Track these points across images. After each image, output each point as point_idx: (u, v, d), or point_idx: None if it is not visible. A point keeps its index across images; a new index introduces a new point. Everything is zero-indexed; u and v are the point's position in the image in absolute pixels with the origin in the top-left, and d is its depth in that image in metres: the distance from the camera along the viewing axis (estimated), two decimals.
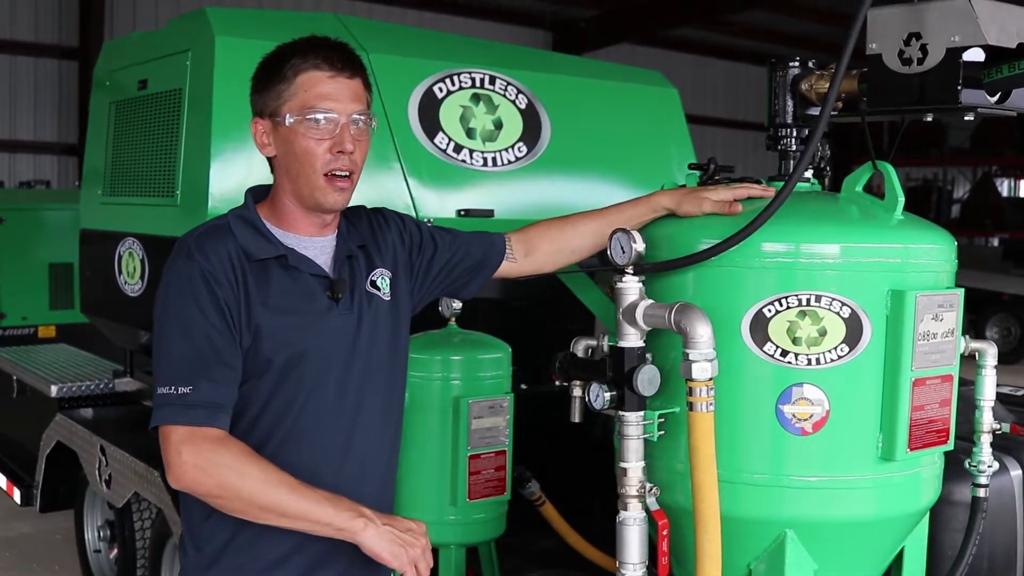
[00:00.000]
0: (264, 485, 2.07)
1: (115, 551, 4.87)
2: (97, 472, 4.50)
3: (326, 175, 2.22)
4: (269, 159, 2.31)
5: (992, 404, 2.89)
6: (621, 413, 2.52)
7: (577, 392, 2.78)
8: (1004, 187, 26.27)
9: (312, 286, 2.26)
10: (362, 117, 2.25)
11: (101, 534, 5.06)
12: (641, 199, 2.76)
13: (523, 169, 4.36)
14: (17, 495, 5.35)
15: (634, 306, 2.51)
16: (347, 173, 2.24)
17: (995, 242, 21.94)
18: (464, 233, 2.67)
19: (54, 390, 5.05)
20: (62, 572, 5.76)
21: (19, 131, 15.42)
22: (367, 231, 2.44)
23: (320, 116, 2.20)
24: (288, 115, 2.20)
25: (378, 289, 2.38)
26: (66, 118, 15.65)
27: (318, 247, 2.31)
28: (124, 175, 4.52)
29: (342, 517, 2.07)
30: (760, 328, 2.49)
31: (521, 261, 2.70)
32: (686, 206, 2.65)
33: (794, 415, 2.50)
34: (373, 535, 2.07)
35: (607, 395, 2.52)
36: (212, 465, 2.08)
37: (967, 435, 2.88)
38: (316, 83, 2.20)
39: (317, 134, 2.20)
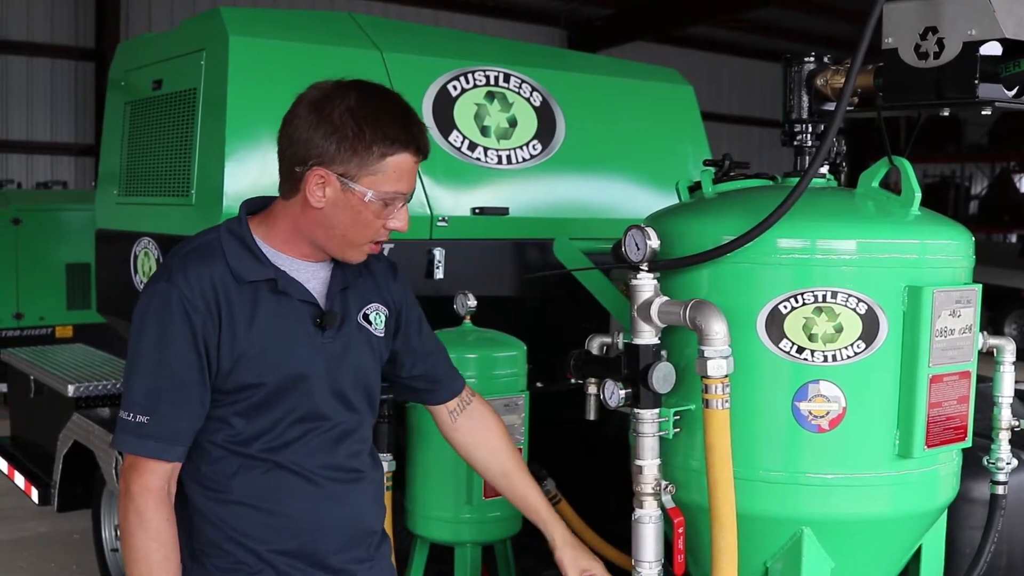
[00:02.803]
0: (139, 560, 2.13)
1: None
2: (114, 471, 4.51)
3: (371, 242, 2.24)
4: (287, 195, 2.23)
5: (1010, 401, 2.87)
6: (636, 411, 2.51)
7: (592, 390, 2.78)
8: (1022, 183, 26.13)
9: (300, 311, 2.24)
10: None
11: (118, 533, 5.07)
12: (549, 515, 2.65)
13: (538, 167, 4.36)
14: (35, 494, 5.37)
15: (649, 303, 2.50)
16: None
17: (1013, 238, 21.84)
18: (442, 354, 2.61)
19: (71, 390, 5.07)
20: (80, 571, 5.78)
21: (36, 132, 15.49)
22: (370, 266, 2.41)
23: (398, 200, 2.21)
24: (369, 190, 2.15)
25: (370, 323, 2.36)
26: (83, 119, 15.72)
27: (310, 271, 2.28)
28: (139, 175, 4.53)
29: None
30: (776, 325, 2.48)
31: (455, 424, 2.62)
32: (563, 555, 2.60)
33: (810, 412, 2.49)
34: None
35: (622, 393, 2.51)
36: (131, 504, 2.13)
37: (985, 432, 2.86)
38: (405, 170, 2.19)
39: (385, 212, 2.20)
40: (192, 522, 2.26)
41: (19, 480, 5.62)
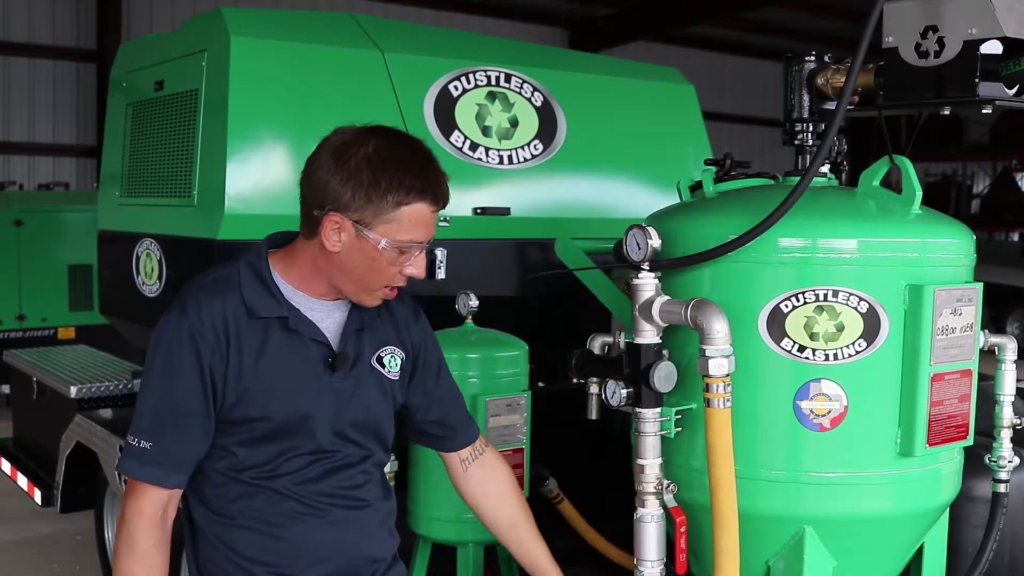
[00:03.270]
0: None
1: None
2: (117, 472, 4.51)
3: (385, 287, 2.24)
4: (308, 236, 2.23)
5: (1012, 399, 2.87)
6: (638, 410, 2.51)
7: (594, 389, 2.78)
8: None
9: (311, 350, 2.24)
10: None
11: None
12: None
13: (539, 167, 4.36)
14: (38, 495, 5.37)
15: (650, 302, 2.50)
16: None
17: (1015, 237, 21.82)
18: (458, 401, 2.59)
19: (73, 391, 5.07)
20: (83, 572, 5.78)
21: (38, 134, 15.50)
22: (391, 307, 2.40)
23: (416, 249, 2.20)
24: (383, 238, 2.15)
25: (383, 366, 2.36)
26: (84, 120, 15.72)
27: (325, 311, 2.28)
28: (141, 176, 4.54)
29: None
30: (777, 324, 2.48)
31: (466, 473, 2.61)
32: None
33: (812, 411, 2.49)
34: None
35: (624, 392, 2.52)
36: (126, 527, 2.17)
37: (987, 430, 2.86)
38: (420, 219, 2.18)
39: (400, 259, 2.20)
40: (198, 543, 2.30)
41: (22, 481, 5.62)
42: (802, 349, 2.48)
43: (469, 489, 2.63)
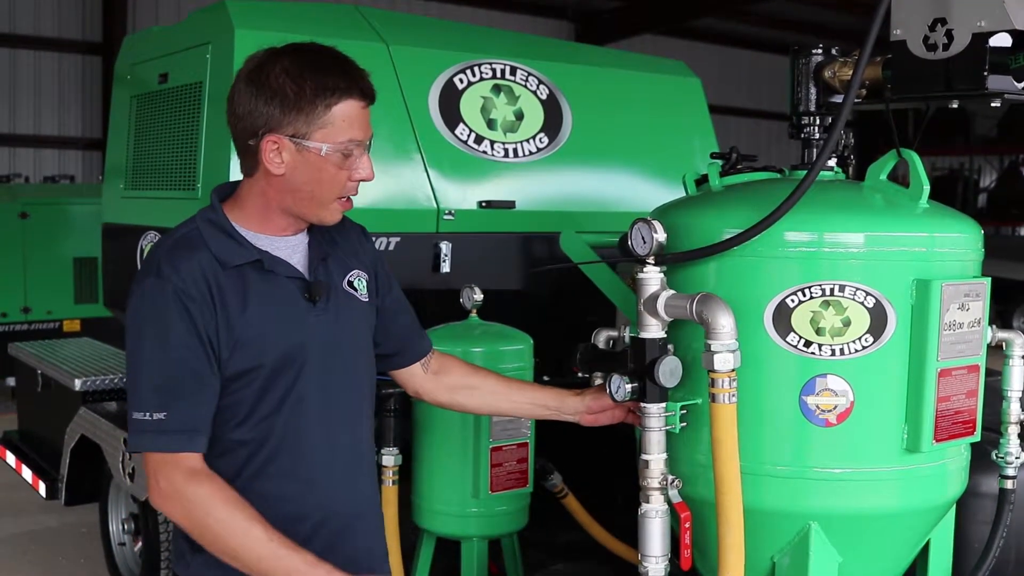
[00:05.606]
0: (228, 531, 2.08)
1: (140, 544, 4.90)
2: (121, 465, 4.51)
3: (339, 198, 2.23)
4: (248, 168, 2.24)
5: (1020, 395, 2.85)
6: (643, 405, 2.50)
7: (598, 383, 2.77)
8: None
9: (288, 288, 2.24)
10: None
11: (126, 527, 5.08)
12: (557, 396, 2.70)
13: (544, 160, 4.35)
14: (42, 488, 5.38)
15: (655, 297, 2.49)
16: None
17: (1022, 232, 21.77)
18: (411, 312, 2.62)
19: (78, 384, 5.07)
20: (87, 565, 5.79)
21: (43, 126, 15.52)
22: (342, 233, 2.41)
23: (356, 149, 2.20)
24: (324, 145, 2.15)
25: (355, 290, 2.37)
26: (90, 113, 15.75)
27: (290, 246, 2.28)
28: (146, 169, 4.53)
29: None
30: (783, 318, 2.47)
31: (430, 376, 2.64)
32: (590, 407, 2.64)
33: (818, 406, 2.47)
34: None
35: (628, 387, 2.50)
36: (182, 498, 2.10)
37: (994, 426, 2.85)
38: (353, 116, 2.18)
39: (346, 163, 2.19)
40: None
41: (27, 474, 5.64)
42: (808, 344, 2.46)
43: (440, 394, 2.66)
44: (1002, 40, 2.45)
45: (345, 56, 2.23)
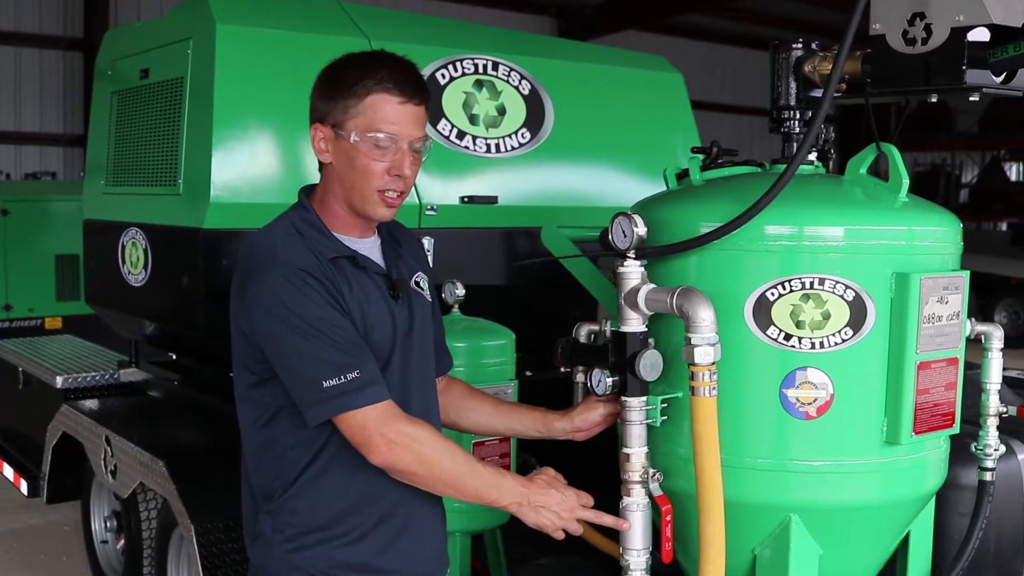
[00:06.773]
0: (451, 462, 2.25)
1: (122, 541, 4.88)
2: (103, 463, 4.50)
3: (379, 191, 2.27)
4: (321, 163, 2.35)
5: (998, 387, 2.86)
6: (624, 398, 2.51)
7: (580, 378, 2.77)
8: (1013, 171, 26.18)
9: (377, 284, 2.33)
10: (422, 143, 2.31)
11: (108, 525, 5.06)
12: (541, 416, 2.72)
13: (526, 155, 4.35)
14: (24, 486, 5.36)
15: (636, 290, 2.49)
16: (399, 193, 2.30)
17: (1004, 227, 21.88)
18: (441, 327, 2.68)
19: (59, 381, 5.06)
20: (69, 563, 5.77)
21: (25, 123, 15.45)
22: (404, 236, 2.52)
23: (385, 139, 2.24)
24: (353, 132, 2.23)
25: (422, 289, 2.47)
26: (71, 109, 15.67)
27: (367, 248, 2.37)
28: (127, 165, 4.52)
29: (505, 499, 2.34)
30: (763, 312, 2.48)
31: (439, 394, 2.67)
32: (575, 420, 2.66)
33: (798, 399, 2.48)
34: (528, 513, 2.38)
35: (609, 380, 2.51)
36: (410, 440, 2.21)
37: (973, 419, 2.86)
38: (386, 107, 2.24)
39: (378, 155, 2.24)
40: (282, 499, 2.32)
41: (8, 472, 5.62)
42: (788, 337, 2.47)
43: (452, 415, 2.71)
44: (980, 35, 2.47)
45: (399, 57, 2.31)
